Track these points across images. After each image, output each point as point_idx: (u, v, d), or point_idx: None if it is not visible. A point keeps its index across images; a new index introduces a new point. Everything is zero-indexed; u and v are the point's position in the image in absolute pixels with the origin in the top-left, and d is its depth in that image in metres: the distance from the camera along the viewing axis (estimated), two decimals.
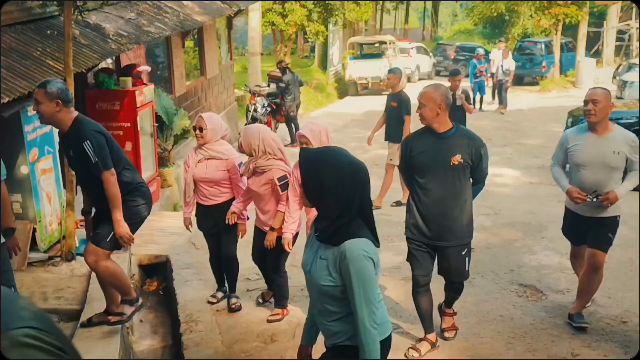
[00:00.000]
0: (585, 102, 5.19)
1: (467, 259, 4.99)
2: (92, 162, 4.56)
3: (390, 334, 3.04)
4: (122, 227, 4.67)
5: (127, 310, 4.96)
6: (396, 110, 9.41)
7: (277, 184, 5.27)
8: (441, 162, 4.74)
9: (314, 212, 3.49)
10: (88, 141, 4.56)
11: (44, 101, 4.51)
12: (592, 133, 5.22)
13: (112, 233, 4.70)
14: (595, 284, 5.51)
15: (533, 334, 5.46)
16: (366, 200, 2.90)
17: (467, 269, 5.03)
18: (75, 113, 4.69)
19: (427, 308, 5.12)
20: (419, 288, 5.07)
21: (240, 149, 5.46)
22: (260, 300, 6.07)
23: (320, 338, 3.17)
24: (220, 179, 5.58)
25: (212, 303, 6.01)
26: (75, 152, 4.66)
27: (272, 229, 5.36)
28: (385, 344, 2.97)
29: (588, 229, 5.36)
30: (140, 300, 5.10)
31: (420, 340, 5.19)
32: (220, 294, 6.10)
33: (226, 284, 6.07)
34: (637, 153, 5.16)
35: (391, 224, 8.61)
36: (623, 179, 5.24)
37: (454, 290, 5.21)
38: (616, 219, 5.35)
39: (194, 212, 5.85)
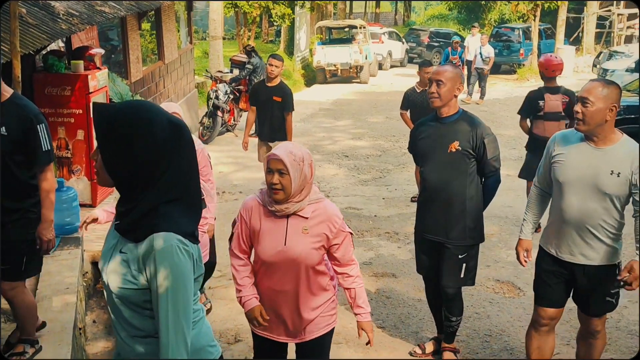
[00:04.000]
0: (581, 99, 3.89)
1: (464, 264, 4.72)
2: (43, 150, 4.09)
3: None
4: (52, 230, 4.24)
5: (29, 350, 4.47)
6: (281, 105, 8.70)
7: None
8: (439, 149, 4.61)
9: None
10: (43, 125, 4.07)
11: None
12: (587, 142, 3.96)
13: (25, 258, 4.22)
14: (598, 350, 4.41)
15: (510, 332, 5.55)
16: (192, 176, 2.30)
17: (462, 275, 4.72)
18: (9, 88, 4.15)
19: (439, 306, 5.03)
20: (429, 282, 5.04)
21: None
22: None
23: None
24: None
25: None
26: (15, 132, 3.98)
27: None
28: None
29: (575, 283, 4.22)
30: (40, 344, 4.56)
31: (432, 339, 5.25)
32: None
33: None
34: None
35: (361, 218, 8.68)
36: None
37: (445, 299, 4.83)
38: (616, 269, 4.08)
39: None
